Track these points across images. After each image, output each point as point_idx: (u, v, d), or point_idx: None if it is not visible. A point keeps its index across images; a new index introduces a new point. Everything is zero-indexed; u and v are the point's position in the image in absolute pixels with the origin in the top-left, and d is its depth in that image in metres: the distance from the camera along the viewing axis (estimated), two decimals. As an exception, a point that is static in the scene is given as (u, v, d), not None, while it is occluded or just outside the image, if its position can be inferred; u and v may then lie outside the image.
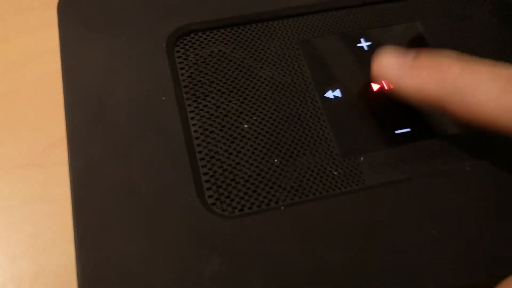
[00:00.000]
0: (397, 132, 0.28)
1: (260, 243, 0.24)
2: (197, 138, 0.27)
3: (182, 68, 0.28)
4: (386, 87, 0.28)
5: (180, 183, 0.25)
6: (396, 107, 0.28)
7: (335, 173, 0.26)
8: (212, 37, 0.30)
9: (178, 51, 0.29)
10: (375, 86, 0.29)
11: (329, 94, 0.29)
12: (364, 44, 0.31)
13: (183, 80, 0.28)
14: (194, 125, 0.27)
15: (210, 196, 0.25)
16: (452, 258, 0.24)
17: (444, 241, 0.25)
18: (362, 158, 0.27)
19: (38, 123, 0.33)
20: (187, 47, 0.29)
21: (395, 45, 0.30)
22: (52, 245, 0.29)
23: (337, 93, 0.29)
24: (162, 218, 0.24)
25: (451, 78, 0.24)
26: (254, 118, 0.27)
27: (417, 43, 0.31)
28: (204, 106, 0.27)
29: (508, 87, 0.23)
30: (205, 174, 0.26)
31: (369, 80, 0.29)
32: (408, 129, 0.28)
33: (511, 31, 0.32)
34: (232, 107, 0.28)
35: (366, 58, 0.30)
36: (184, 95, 0.28)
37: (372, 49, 0.30)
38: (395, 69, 0.26)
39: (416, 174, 0.27)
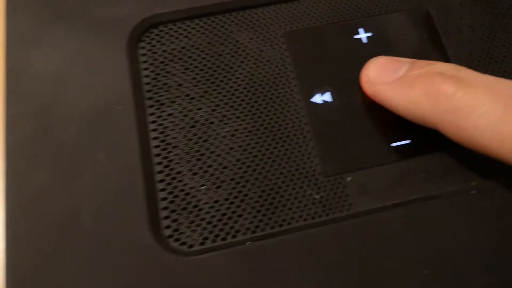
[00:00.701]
0: (393, 145, 0.24)
1: (225, 285, 0.21)
2: (157, 155, 0.23)
3: (146, 69, 0.25)
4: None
5: (133, 213, 0.22)
6: (395, 114, 0.23)
7: (316, 196, 0.23)
8: (184, 30, 0.26)
9: (142, 48, 0.25)
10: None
11: (317, 99, 0.24)
12: (362, 35, 0.26)
13: (146, 84, 0.24)
14: (155, 139, 0.23)
15: (168, 227, 0.22)
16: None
17: (436, 285, 0.21)
18: (349, 178, 0.23)
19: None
20: (154, 42, 0.25)
21: (401, 36, 0.25)
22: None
23: (327, 97, 0.24)
24: (110, 257, 0.21)
25: (444, 98, 0.21)
26: (226, 129, 0.24)
27: (426, 34, 0.26)
28: (169, 115, 0.24)
29: (507, 112, 0.19)
30: (163, 199, 0.22)
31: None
32: (407, 141, 0.24)
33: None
34: (202, 116, 0.24)
35: (364, 53, 0.25)
36: (146, 102, 0.24)
37: (373, 41, 0.26)
38: (384, 85, 0.23)
39: (413, 198, 0.23)
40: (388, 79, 0.23)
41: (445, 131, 0.21)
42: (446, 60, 0.25)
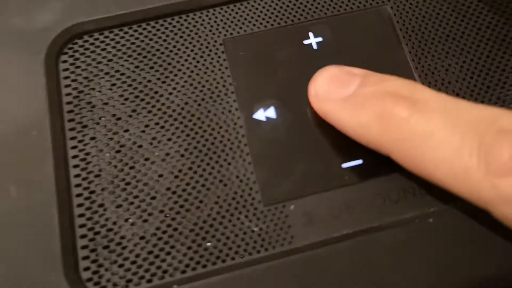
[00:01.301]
0: (344, 166, 0.21)
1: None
2: (77, 185, 0.20)
3: (67, 86, 0.22)
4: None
5: (46, 254, 0.19)
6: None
7: (255, 229, 0.20)
8: (112, 39, 0.23)
9: (64, 62, 0.22)
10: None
11: (260, 115, 0.22)
12: (313, 40, 0.23)
13: (68, 103, 0.22)
14: (75, 167, 0.21)
15: (86, 269, 0.20)
16: None
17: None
18: (292, 207, 0.20)
19: None
20: (77, 54, 0.23)
21: (356, 40, 0.22)
22: None
23: (271, 113, 0.22)
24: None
25: (396, 124, 0.18)
26: (156, 154, 0.21)
27: (385, 36, 0.23)
28: (92, 139, 0.21)
29: (465, 144, 0.17)
30: (83, 237, 0.20)
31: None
32: (359, 161, 0.21)
33: (495, 15, 0.23)
34: (129, 139, 0.21)
35: (315, 60, 0.22)
36: (66, 125, 0.21)
37: (325, 47, 0.23)
38: (333, 102, 0.20)
39: (363, 227, 0.20)
40: (337, 95, 0.20)
41: (397, 159, 0.19)
42: (405, 66, 0.22)
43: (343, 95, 0.20)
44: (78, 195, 0.20)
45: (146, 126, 0.21)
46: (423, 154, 0.18)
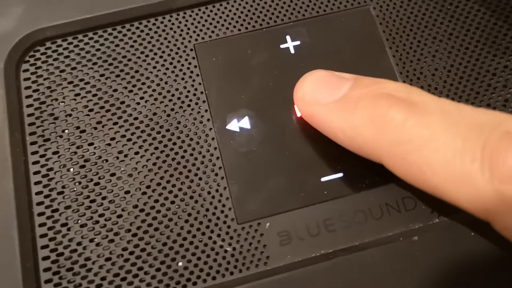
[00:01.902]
0: (323, 179, 0.20)
1: None
2: (39, 203, 0.19)
3: (29, 97, 0.21)
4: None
5: (5, 277, 0.18)
6: (327, 141, 0.19)
7: (228, 248, 0.19)
8: (76, 46, 0.22)
9: (25, 70, 0.21)
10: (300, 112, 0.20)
11: (233, 126, 0.20)
12: (290, 44, 0.22)
13: (29, 115, 0.20)
14: (37, 183, 0.19)
15: (47, 294, 0.18)
16: None
17: None
18: (268, 225, 0.19)
19: None
20: (39, 62, 0.21)
21: (338, 43, 0.21)
22: None
23: (245, 123, 0.20)
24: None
25: (392, 126, 0.17)
26: (123, 169, 0.20)
27: (368, 39, 0.22)
28: (55, 153, 0.20)
29: (466, 147, 0.15)
30: (45, 258, 0.19)
31: (293, 102, 0.20)
32: (339, 174, 0.20)
33: (485, 15, 0.22)
34: (94, 153, 0.20)
35: (293, 66, 0.21)
36: (27, 139, 0.20)
37: (303, 51, 0.21)
38: (322, 105, 0.19)
39: (343, 246, 0.19)
40: (326, 99, 0.19)
41: (391, 166, 0.17)
42: (389, 71, 0.21)
43: (334, 97, 0.18)
44: (40, 214, 0.19)
45: (112, 139, 0.20)
46: (420, 159, 0.16)
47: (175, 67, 0.21)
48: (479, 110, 0.17)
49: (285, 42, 0.22)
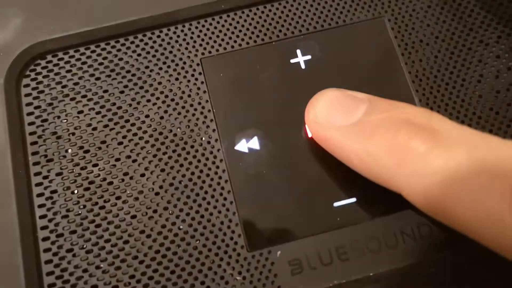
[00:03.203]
0: (336, 204, 0.19)
1: None
2: (43, 228, 0.19)
3: (30, 114, 0.20)
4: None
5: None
6: (340, 164, 0.19)
7: (238, 278, 0.18)
8: (78, 59, 0.21)
9: (26, 86, 0.20)
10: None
11: (242, 146, 0.20)
12: (301, 58, 0.21)
13: (31, 134, 0.20)
14: (40, 206, 0.19)
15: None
16: None
17: None
18: (279, 253, 0.19)
19: None
20: (40, 77, 0.20)
21: (350, 58, 0.20)
22: None
23: (254, 143, 0.20)
24: None
25: (413, 157, 0.16)
26: (128, 192, 0.19)
27: (382, 54, 0.21)
28: (58, 174, 0.19)
29: (495, 185, 0.15)
30: (51, 286, 0.18)
31: (303, 122, 0.20)
32: (352, 199, 0.19)
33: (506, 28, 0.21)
34: (98, 175, 0.19)
35: (304, 82, 0.20)
36: (29, 159, 0.19)
37: (314, 66, 0.20)
38: (336, 130, 0.18)
39: (356, 277, 0.18)
40: (340, 122, 0.18)
41: (412, 198, 0.17)
42: (405, 89, 0.20)
43: (349, 121, 0.18)
44: (45, 239, 0.19)
45: (117, 160, 0.19)
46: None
47: (181, 83, 0.20)
48: (507, 143, 0.16)
49: (296, 56, 0.21)
